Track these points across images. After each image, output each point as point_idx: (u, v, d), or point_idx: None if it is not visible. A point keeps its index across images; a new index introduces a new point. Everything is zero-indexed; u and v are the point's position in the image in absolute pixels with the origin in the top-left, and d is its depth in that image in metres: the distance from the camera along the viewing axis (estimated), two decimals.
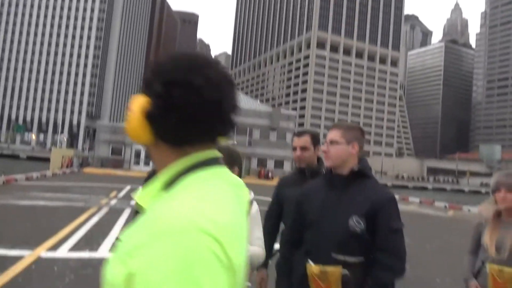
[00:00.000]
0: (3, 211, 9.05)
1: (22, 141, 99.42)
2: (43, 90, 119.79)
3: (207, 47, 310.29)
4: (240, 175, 1.96)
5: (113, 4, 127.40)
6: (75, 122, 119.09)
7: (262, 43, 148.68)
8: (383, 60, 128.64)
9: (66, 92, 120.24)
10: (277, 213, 2.55)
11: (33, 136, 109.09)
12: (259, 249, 2.09)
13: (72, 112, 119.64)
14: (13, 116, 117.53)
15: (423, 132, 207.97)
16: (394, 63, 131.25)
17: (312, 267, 1.83)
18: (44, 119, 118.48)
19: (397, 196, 26.83)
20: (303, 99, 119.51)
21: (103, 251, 5.94)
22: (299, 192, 2.10)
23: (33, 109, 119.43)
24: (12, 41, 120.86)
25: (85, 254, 5.67)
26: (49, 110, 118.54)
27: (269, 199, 2.68)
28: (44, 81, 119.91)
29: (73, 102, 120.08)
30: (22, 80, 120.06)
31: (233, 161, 1.99)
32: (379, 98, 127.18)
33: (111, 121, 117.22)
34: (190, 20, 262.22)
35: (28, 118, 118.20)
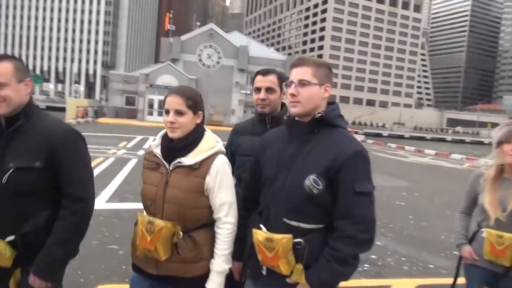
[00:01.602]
0: None
1: (41, 92, 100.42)
2: (58, 39, 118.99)
3: None
4: (203, 122, 1.81)
5: None
6: (91, 71, 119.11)
7: None
8: (405, 5, 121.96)
9: (81, 41, 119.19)
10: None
11: (52, 86, 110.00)
12: (226, 229, 1.74)
13: (87, 61, 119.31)
14: (31, 67, 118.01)
15: (445, 81, 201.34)
16: (418, 8, 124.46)
17: (258, 234, 1.59)
18: (61, 69, 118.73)
19: (412, 148, 26.58)
20: (321, 47, 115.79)
21: (99, 203, 5.90)
22: (258, 142, 1.84)
23: (50, 59, 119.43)
24: None
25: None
26: (65, 59, 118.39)
27: None
28: (58, 29, 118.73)
29: (88, 51, 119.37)
30: (36, 28, 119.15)
31: (199, 107, 1.79)
32: (400, 46, 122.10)
33: (126, 70, 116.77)
34: None
35: (46, 68, 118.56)
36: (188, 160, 1.71)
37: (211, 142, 1.77)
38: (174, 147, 1.73)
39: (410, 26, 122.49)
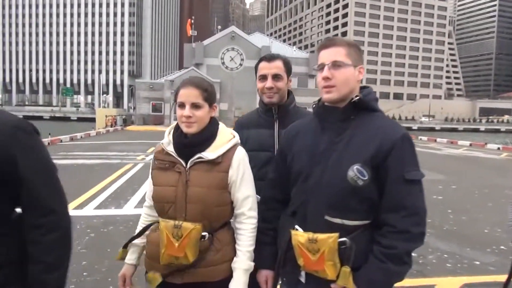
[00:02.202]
0: None
1: (72, 104, 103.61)
2: (86, 52, 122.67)
3: None
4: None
5: None
6: (118, 82, 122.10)
7: None
8: None
9: (107, 53, 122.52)
10: None
11: (82, 98, 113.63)
12: (251, 224, 1.64)
13: (115, 72, 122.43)
14: (61, 80, 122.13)
15: (475, 70, 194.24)
16: None
17: (298, 235, 1.41)
18: (90, 81, 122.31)
19: (444, 140, 25.71)
20: None
21: (128, 208, 5.89)
22: (283, 136, 1.70)
23: (79, 72, 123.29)
24: (51, 5, 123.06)
25: (109, 212, 5.64)
26: (93, 72, 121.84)
27: None
28: (86, 43, 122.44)
29: (114, 62, 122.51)
30: (65, 44, 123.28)
31: (214, 98, 1.69)
32: (425, 36, 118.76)
33: (152, 78, 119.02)
34: None
35: (75, 81, 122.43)
36: (210, 154, 1.59)
37: (228, 135, 1.67)
38: (192, 143, 1.60)
39: (436, 15, 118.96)
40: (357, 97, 1.43)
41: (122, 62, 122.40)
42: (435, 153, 17.32)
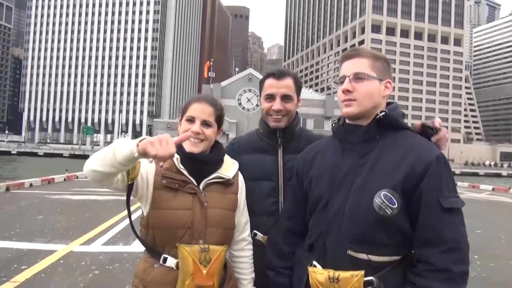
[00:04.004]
0: (54, 205, 9.26)
1: (92, 142, 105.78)
2: (107, 93, 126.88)
3: (259, 40, 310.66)
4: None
5: (167, 5, 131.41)
6: (137, 121, 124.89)
7: (315, 32, 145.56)
8: (445, 40, 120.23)
9: (128, 94, 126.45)
10: None
11: (101, 137, 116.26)
12: (251, 250, 1.57)
13: (134, 112, 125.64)
14: (83, 119, 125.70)
15: (494, 114, 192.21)
16: (458, 42, 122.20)
17: (317, 273, 1.22)
18: (110, 121, 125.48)
19: (465, 184, 24.91)
20: None
21: (136, 245, 5.69)
22: (298, 159, 1.50)
23: (100, 112, 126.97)
24: (77, 49, 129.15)
25: (117, 249, 5.45)
26: (113, 111, 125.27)
27: None
28: (108, 84, 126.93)
29: (135, 103, 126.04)
30: (88, 84, 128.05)
31: (223, 121, 1.59)
32: (442, 81, 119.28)
33: (170, 118, 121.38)
34: (241, 14, 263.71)
35: (96, 120, 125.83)
36: (226, 174, 1.49)
37: (229, 158, 1.58)
38: (211, 160, 1.48)
39: (452, 60, 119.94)
40: (382, 113, 1.26)
41: (142, 103, 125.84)
42: None
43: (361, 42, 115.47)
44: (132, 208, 1.26)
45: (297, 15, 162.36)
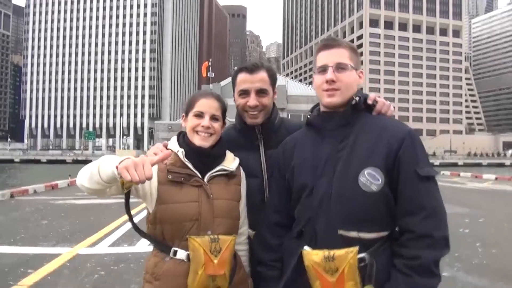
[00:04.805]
0: (58, 210, 9.33)
1: (94, 147, 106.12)
2: (108, 97, 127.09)
3: (257, 38, 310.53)
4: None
5: (164, 7, 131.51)
6: (139, 124, 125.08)
7: (313, 28, 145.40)
8: (443, 32, 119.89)
9: (128, 97, 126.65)
10: None
11: (103, 141, 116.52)
12: (247, 244, 1.60)
13: (135, 115, 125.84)
14: (84, 124, 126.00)
15: (496, 104, 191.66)
16: (457, 33, 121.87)
17: (311, 254, 1.25)
18: (111, 125, 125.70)
19: (468, 174, 24.90)
20: None
21: (140, 246, 5.74)
22: (277, 153, 1.53)
23: (101, 116, 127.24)
24: (76, 54, 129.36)
25: (121, 250, 5.51)
26: (114, 115, 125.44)
27: None
28: (108, 88, 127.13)
29: (135, 106, 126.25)
30: (88, 89, 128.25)
31: (225, 116, 1.61)
32: (442, 73, 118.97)
33: (171, 119, 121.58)
34: (238, 14, 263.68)
35: (97, 125, 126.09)
36: (230, 166, 1.53)
37: (230, 152, 1.61)
38: (215, 154, 1.51)
39: (451, 52, 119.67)
40: (358, 97, 1.34)
41: (142, 106, 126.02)
42: (459, 187, 16.72)
43: (360, 37, 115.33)
44: (136, 210, 1.28)
45: (294, 12, 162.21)
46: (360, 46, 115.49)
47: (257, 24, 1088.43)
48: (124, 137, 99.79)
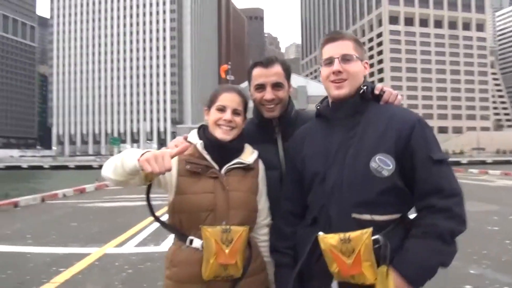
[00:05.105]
0: (87, 213, 9.61)
1: (119, 152, 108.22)
2: (131, 103, 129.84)
3: (275, 40, 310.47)
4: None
5: (182, 13, 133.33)
6: (162, 129, 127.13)
7: (331, 28, 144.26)
8: (466, 26, 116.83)
9: (151, 102, 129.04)
10: None
11: (128, 146, 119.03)
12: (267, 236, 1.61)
13: (158, 120, 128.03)
14: (109, 130, 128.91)
15: None
16: (481, 27, 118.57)
17: (328, 237, 1.27)
18: (135, 130, 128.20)
19: (497, 172, 24.28)
20: (381, 80, 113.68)
21: (166, 245, 5.86)
22: (291, 141, 1.58)
23: (125, 122, 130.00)
24: (99, 62, 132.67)
25: (148, 249, 5.64)
26: (138, 121, 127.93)
27: None
28: (131, 94, 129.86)
29: (158, 111, 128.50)
30: (112, 96, 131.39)
31: (247, 110, 1.64)
32: (466, 68, 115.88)
33: (193, 123, 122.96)
34: (256, 16, 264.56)
35: (122, 130, 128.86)
36: (247, 159, 1.56)
37: (249, 146, 1.64)
38: (233, 147, 1.55)
39: (475, 46, 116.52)
40: (365, 87, 1.38)
41: (164, 110, 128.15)
42: (487, 184, 16.28)
43: (379, 35, 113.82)
44: (160, 212, 1.27)
45: (312, 12, 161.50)
46: (380, 44, 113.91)
47: (275, 25, 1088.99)
48: (148, 141, 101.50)
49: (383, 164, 1.26)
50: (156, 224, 7.69)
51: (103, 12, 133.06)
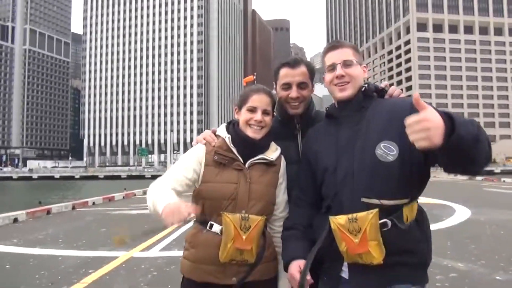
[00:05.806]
0: (115, 220, 9.91)
1: (147, 163, 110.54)
2: (159, 115, 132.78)
3: (301, 50, 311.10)
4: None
5: (209, 25, 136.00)
6: (188, 140, 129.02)
7: (357, 36, 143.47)
8: (498, 31, 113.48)
9: (178, 114, 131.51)
10: None
11: (155, 157, 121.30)
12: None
13: (184, 131, 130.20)
14: (137, 142, 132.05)
15: None
16: None
17: (337, 218, 1.39)
18: (162, 141, 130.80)
19: None
20: (409, 88, 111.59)
21: None
22: (305, 139, 1.71)
23: (153, 133, 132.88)
24: (129, 75, 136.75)
25: (172, 253, 5.78)
26: (165, 132, 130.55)
27: None
28: (159, 106, 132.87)
29: (184, 122, 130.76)
30: (141, 108, 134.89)
31: (274, 108, 1.76)
32: (499, 74, 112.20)
33: None
34: (281, 27, 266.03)
35: (150, 142, 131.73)
36: (271, 156, 1.68)
37: (274, 143, 1.75)
38: (260, 144, 1.66)
39: (508, 52, 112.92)
40: (366, 84, 1.54)
41: (191, 122, 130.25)
42: None
43: (407, 42, 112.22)
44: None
45: (338, 21, 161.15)
46: (408, 51, 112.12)
47: (301, 35, 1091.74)
48: (175, 152, 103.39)
49: (388, 150, 1.36)
50: (181, 230, 7.91)
51: (133, 28, 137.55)
